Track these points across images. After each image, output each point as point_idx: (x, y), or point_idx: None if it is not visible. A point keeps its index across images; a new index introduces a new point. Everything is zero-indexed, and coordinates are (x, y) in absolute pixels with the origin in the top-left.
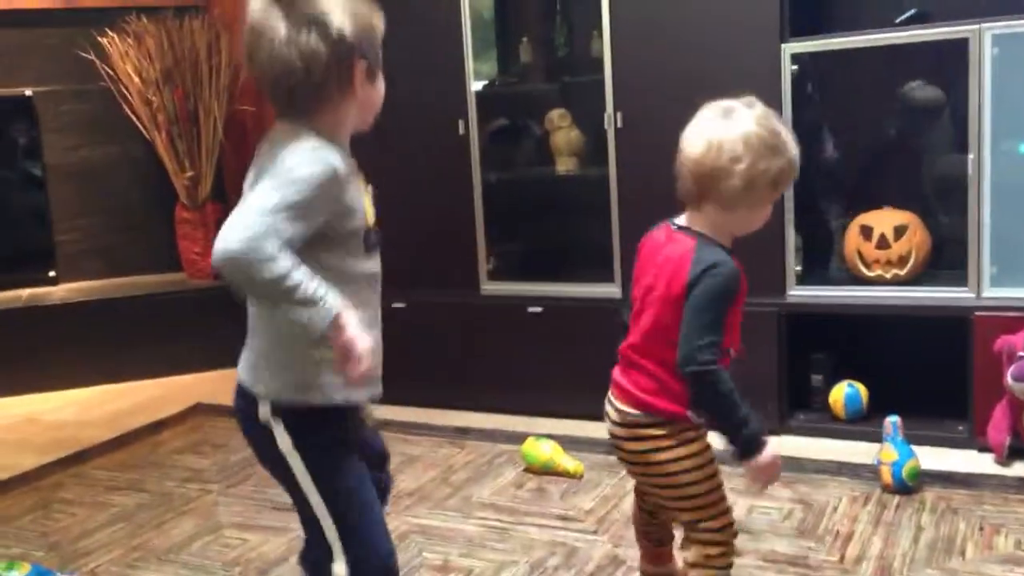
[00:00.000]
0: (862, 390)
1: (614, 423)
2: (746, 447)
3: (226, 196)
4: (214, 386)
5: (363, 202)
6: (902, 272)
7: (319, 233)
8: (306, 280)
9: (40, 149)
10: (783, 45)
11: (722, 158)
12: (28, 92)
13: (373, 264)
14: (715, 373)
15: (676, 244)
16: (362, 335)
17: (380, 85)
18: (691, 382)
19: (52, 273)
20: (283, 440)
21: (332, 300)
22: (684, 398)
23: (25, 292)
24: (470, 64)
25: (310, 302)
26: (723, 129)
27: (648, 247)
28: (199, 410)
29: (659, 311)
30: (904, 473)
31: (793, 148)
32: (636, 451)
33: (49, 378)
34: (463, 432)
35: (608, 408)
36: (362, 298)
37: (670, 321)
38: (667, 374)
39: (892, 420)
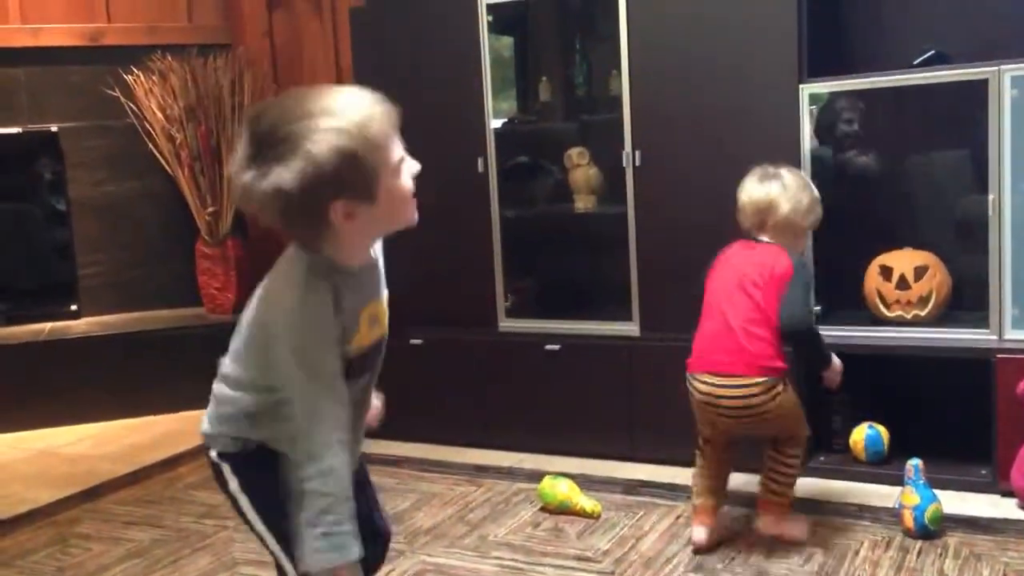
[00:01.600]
0: (883, 432)
1: (734, 396)
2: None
3: (246, 232)
4: None
5: (355, 328)
6: (923, 313)
7: None
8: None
9: (64, 184)
10: (801, 85)
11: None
12: (54, 128)
13: (359, 386)
14: (816, 328)
15: (766, 248)
16: None
17: (392, 190)
18: (801, 337)
19: (74, 307)
20: (231, 481)
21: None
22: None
23: (47, 326)
24: (489, 102)
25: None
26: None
27: (729, 253)
28: None
29: (766, 292)
30: (926, 517)
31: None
32: (758, 406)
33: (67, 411)
34: (480, 470)
35: (718, 385)
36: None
37: (775, 299)
38: (777, 339)
39: (914, 463)
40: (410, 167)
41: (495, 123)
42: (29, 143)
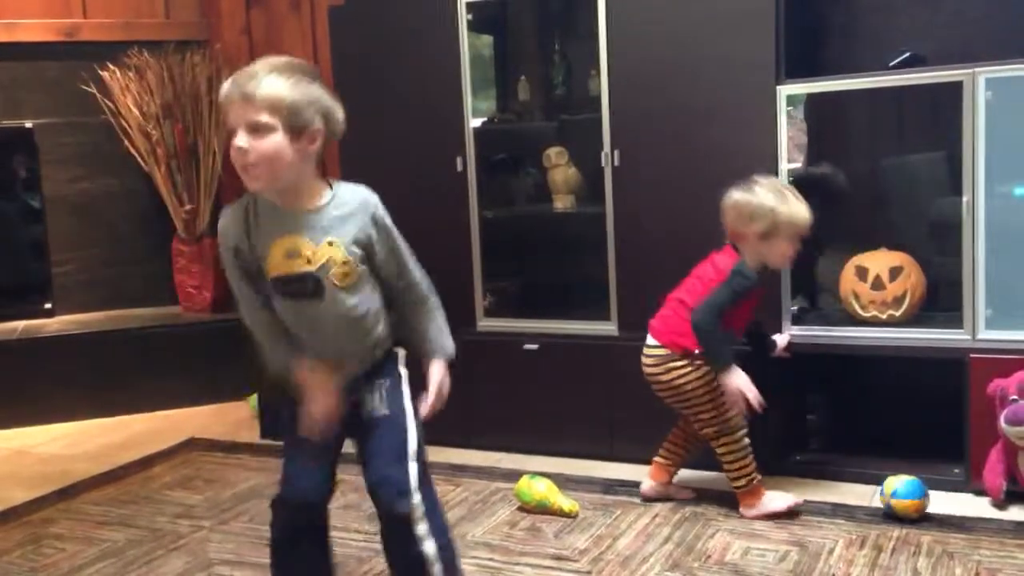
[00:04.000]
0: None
1: (644, 357)
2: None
3: None
4: (207, 420)
5: (265, 254)
6: (897, 313)
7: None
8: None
9: (39, 181)
10: (778, 87)
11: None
12: (28, 124)
13: (297, 305)
14: (714, 332)
15: (724, 250)
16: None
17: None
18: (699, 335)
19: (48, 305)
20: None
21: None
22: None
23: (21, 324)
24: (469, 101)
25: None
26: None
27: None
28: (192, 445)
29: (705, 284)
30: (899, 504)
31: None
32: (654, 374)
33: (41, 411)
34: (458, 469)
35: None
36: (302, 337)
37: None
38: None
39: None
40: (237, 140)
41: (474, 122)
42: (3, 139)
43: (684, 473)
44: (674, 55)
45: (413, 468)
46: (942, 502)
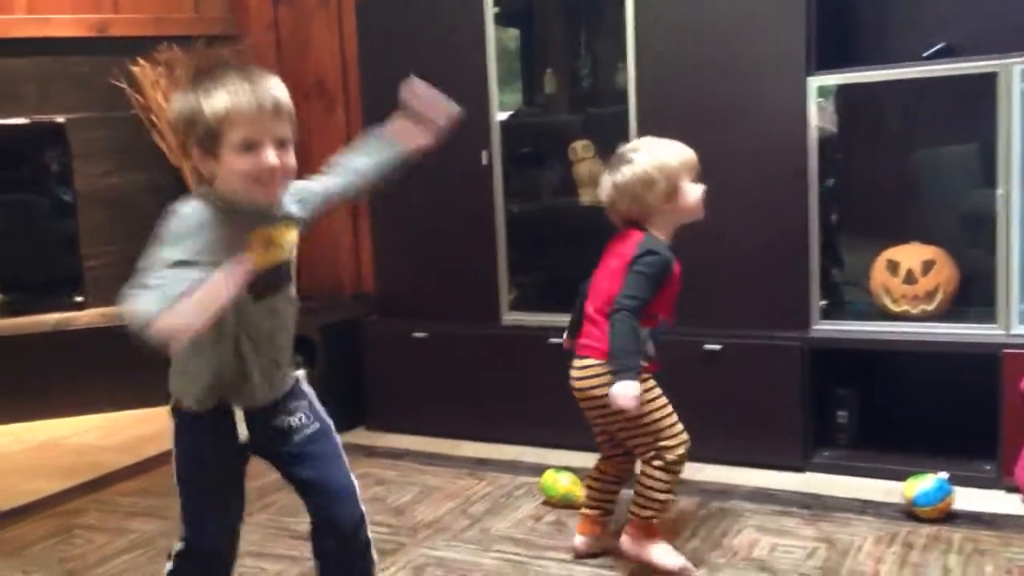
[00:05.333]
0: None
1: (573, 377)
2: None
3: None
4: None
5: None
6: (929, 308)
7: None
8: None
9: (71, 175)
10: (809, 78)
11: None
12: (60, 119)
13: (263, 306)
14: (628, 320)
15: (627, 233)
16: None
17: (230, 161)
18: (611, 320)
19: (79, 298)
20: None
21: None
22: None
23: (53, 317)
24: (495, 94)
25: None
26: None
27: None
28: None
29: (615, 277)
30: (922, 505)
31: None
32: (586, 389)
33: (73, 402)
34: (482, 463)
35: (571, 367)
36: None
37: (619, 283)
38: None
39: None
40: (261, 159)
41: (500, 116)
42: (36, 134)
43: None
44: (702, 46)
45: (352, 475)
46: (973, 499)
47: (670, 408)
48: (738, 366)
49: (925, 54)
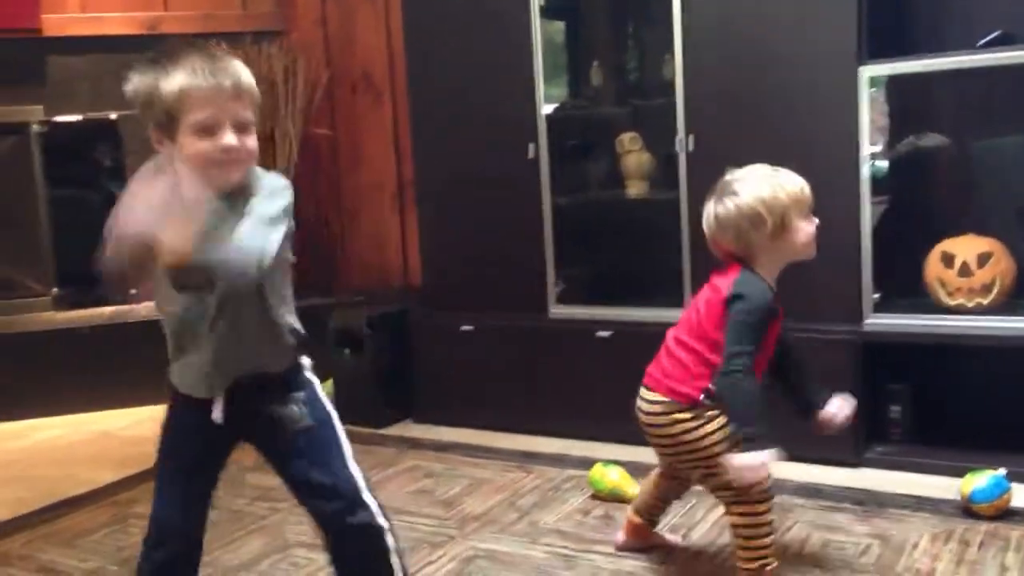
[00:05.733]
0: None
1: (642, 411)
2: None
3: (299, 217)
4: None
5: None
6: (985, 301)
7: None
8: None
9: (124, 171)
10: (860, 68)
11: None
12: (113, 116)
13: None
14: (740, 382)
15: (728, 270)
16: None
17: (187, 144)
18: (719, 384)
19: (133, 291)
20: None
21: None
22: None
23: (107, 310)
24: (541, 87)
25: None
26: None
27: None
28: None
29: (707, 316)
30: (978, 501)
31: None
32: (657, 426)
33: (127, 394)
34: (530, 456)
35: (640, 397)
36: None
37: (713, 325)
38: (700, 365)
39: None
40: (220, 141)
41: (546, 108)
42: (89, 131)
43: None
44: (751, 36)
45: (358, 473)
46: None
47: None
48: None
49: (981, 42)
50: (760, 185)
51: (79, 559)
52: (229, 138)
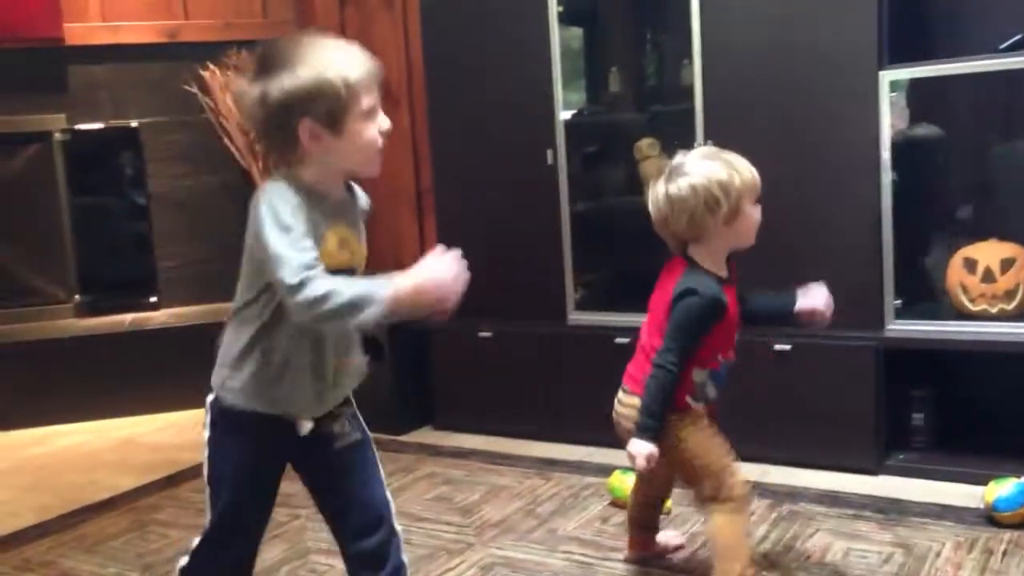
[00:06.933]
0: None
1: (616, 409)
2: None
3: None
4: None
5: (320, 244)
6: (1009, 307)
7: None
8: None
9: (145, 178)
10: (881, 72)
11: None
12: (134, 124)
13: None
14: (663, 379)
15: (676, 263)
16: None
17: (357, 133)
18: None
19: (153, 298)
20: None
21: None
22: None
23: (129, 317)
24: (559, 93)
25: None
26: None
27: None
28: None
29: (663, 313)
30: (1001, 511)
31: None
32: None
33: (148, 401)
34: (549, 463)
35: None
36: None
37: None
38: None
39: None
40: (382, 122)
41: (564, 114)
42: (111, 139)
43: None
44: (770, 41)
45: (390, 496)
46: None
47: (726, 449)
48: (809, 367)
49: (1002, 46)
50: (715, 167)
51: (100, 565)
52: (386, 121)
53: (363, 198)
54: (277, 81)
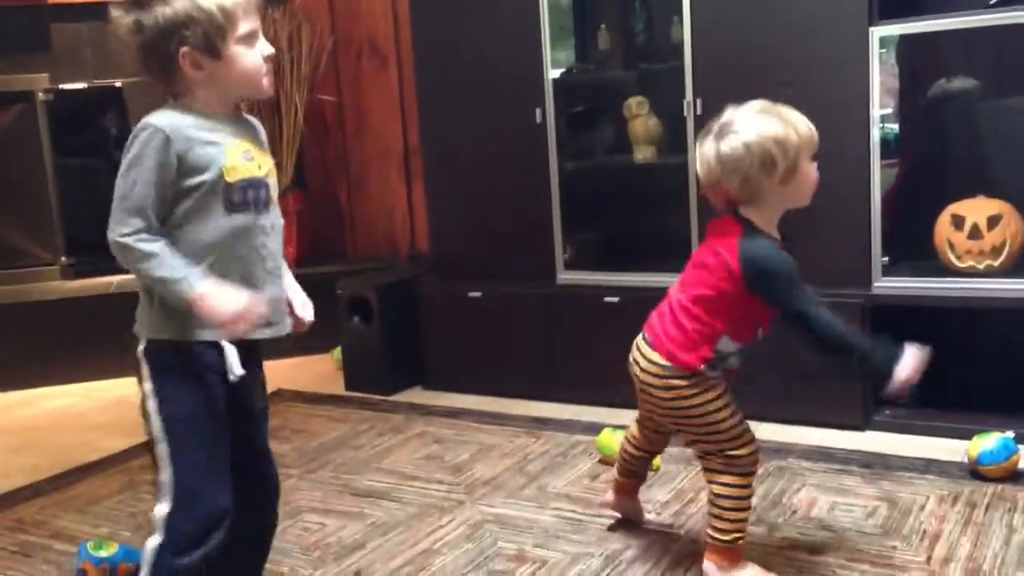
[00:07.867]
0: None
1: (640, 364)
2: None
3: (306, 185)
4: (292, 372)
5: (222, 158)
6: (995, 263)
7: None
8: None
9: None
10: (871, 28)
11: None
12: (118, 83)
13: (243, 218)
14: (826, 327)
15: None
16: (228, 298)
17: (238, 58)
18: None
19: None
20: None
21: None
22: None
23: (115, 279)
24: (547, 52)
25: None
26: None
27: None
28: (280, 395)
29: (712, 278)
30: (985, 464)
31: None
32: (649, 388)
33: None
34: (539, 422)
35: (639, 347)
36: (234, 254)
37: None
38: (703, 333)
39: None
40: (263, 47)
41: (553, 73)
42: (95, 99)
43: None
44: None
45: None
46: None
47: (741, 416)
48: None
49: (992, 2)
50: (769, 123)
51: (92, 525)
52: (267, 47)
53: (259, 126)
54: (151, 11)
